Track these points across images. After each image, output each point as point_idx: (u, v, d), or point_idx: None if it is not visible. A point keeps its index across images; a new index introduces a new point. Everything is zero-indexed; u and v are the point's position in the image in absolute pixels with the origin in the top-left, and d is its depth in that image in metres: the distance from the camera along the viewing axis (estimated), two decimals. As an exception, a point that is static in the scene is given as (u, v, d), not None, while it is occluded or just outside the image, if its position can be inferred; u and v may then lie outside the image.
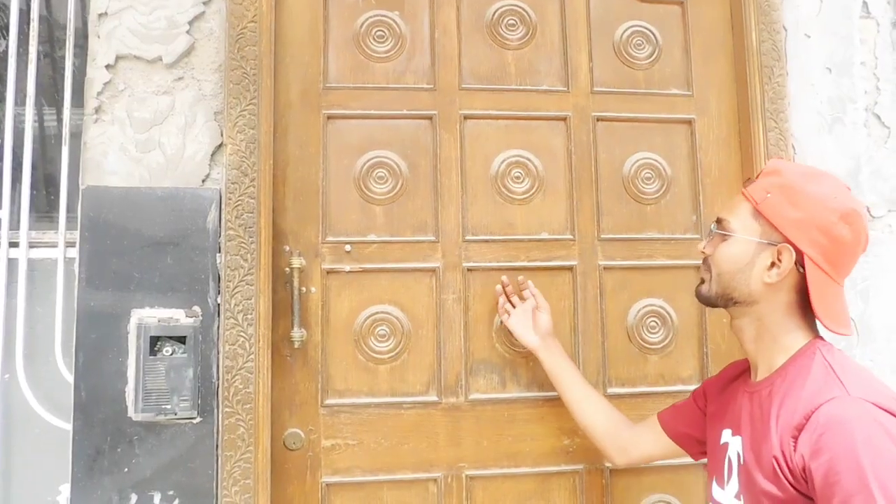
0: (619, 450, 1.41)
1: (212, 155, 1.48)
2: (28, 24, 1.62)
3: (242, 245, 1.46)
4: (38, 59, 1.62)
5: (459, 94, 1.70)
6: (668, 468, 1.65)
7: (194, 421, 1.44)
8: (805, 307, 1.05)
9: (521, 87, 1.72)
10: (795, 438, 0.94)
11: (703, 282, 1.15)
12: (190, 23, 1.50)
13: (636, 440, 1.39)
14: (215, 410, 1.44)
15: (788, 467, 0.94)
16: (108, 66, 1.46)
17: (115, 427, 1.41)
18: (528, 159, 1.71)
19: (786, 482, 0.95)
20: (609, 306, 1.70)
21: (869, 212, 1.80)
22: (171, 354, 1.43)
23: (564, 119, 1.73)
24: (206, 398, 1.44)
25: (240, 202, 1.46)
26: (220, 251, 1.46)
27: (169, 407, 1.42)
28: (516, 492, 1.61)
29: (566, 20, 1.76)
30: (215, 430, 1.44)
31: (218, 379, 1.45)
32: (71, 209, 1.57)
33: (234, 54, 1.48)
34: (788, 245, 1.03)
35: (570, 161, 1.71)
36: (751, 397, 1.09)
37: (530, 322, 1.55)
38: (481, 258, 1.66)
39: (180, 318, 1.44)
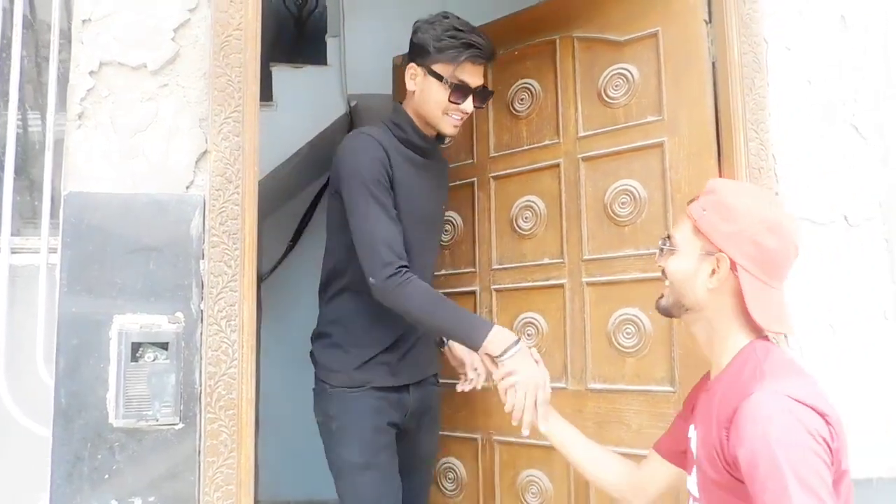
0: (638, 491, 1.42)
1: (196, 161, 1.48)
2: (11, 27, 1.61)
3: (226, 251, 1.46)
4: (22, 62, 1.60)
5: (490, 161, 2.20)
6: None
7: (176, 427, 1.43)
8: (740, 308, 1.17)
9: (530, 147, 2.12)
10: (727, 430, 1.06)
11: (662, 295, 1.29)
12: (175, 30, 1.50)
13: (648, 477, 1.42)
14: (198, 416, 1.44)
15: (724, 456, 1.07)
16: (91, 73, 1.46)
17: (96, 433, 1.40)
18: (534, 202, 2.09)
19: (723, 469, 1.07)
20: (592, 315, 1.95)
21: (847, 220, 1.83)
22: (154, 360, 1.43)
23: (558, 165, 2.04)
24: (189, 404, 1.44)
25: (224, 209, 1.46)
26: (203, 257, 1.46)
27: (150, 413, 1.42)
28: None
29: (559, 83, 2.07)
30: (197, 436, 1.44)
31: (200, 385, 1.44)
32: (54, 215, 1.56)
33: (219, 62, 1.48)
34: (724, 255, 1.16)
35: (562, 198, 2.03)
36: (706, 395, 1.21)
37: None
38: (503, 282, 2.13)
39: (163, 324, 1.44)
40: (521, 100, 2.15)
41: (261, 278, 4.12)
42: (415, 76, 1.71)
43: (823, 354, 1.76)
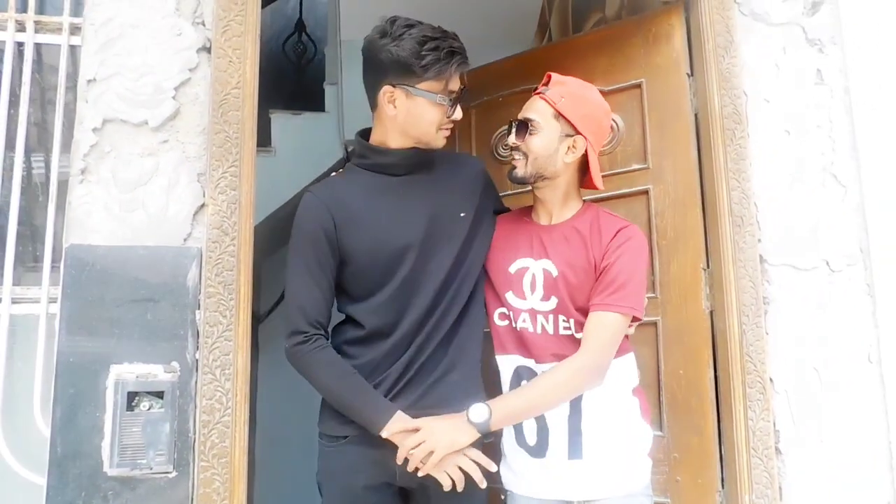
0: None
1: (194, 214, 1.53)
2: (20, 85, 1.68)
3: (222, 301, 1.50)
4: (28, 120, 1.67)
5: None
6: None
7: (170, 475, 1.45)
8: (578, 177, 1.62)
9: (514, 192, 2.02)
10: (608, 243, 1.51)
11: (514, 167, 1.58)
12: (176, 88, 1.56)
13: None
14: (191, 464, 1.46)
15: (597, 263, 1.51)
16: (94, 130, 1.52)
17: (90, 482, 1.42)
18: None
19: (593, 271, 1.51)
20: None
21: (829, 265, 1.87)
22: (149, 409, 1.45)
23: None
24: (183, 452, 1.46)
25: (220, 260, 1.51)
26: (199, 307, 1.50)
27: (145, 461, 1.44)
28: None
29: None
30: (191, 484, 1.46)
31: (194, 433, 1.47)
32: (56, 265, 1.60)
33: (217, 118, 1.55)
34: (581, 136, 1.54)
35: None
36: (550, 232, 1.59)
37: None
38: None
39: (158, 373, 1.47)
40: (506, 145, 2.16)
41: (259, 320, 4.15)
42: (394, 98, 1.51)
43: (809, 396, 1.78)
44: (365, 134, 1.63)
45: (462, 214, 1.59)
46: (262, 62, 1.67)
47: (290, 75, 4.45)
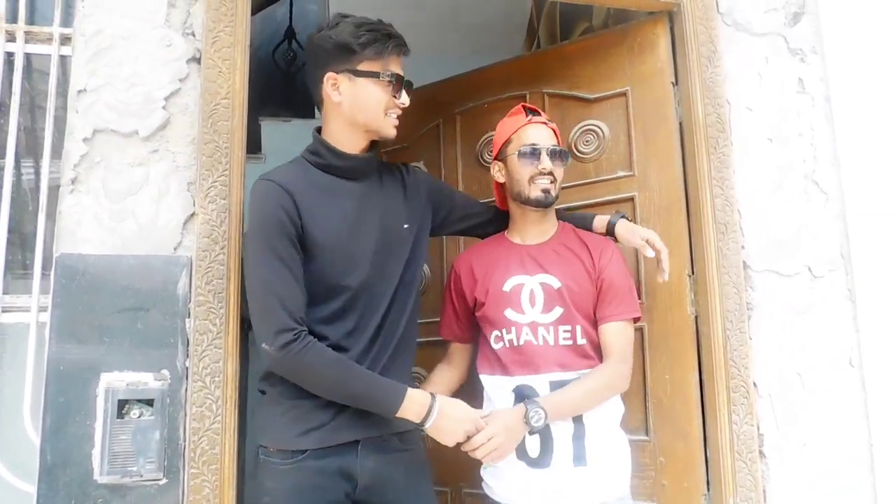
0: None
1: (184, 223, 1.55)
2: (10, 95, 1.69)
3: (212, 310, 1.51)
4: (18, 128, 1.67)
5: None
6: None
7: (160, 482, 1.46)
8: None
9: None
10: (600, 259, 1.66)
11: (549, 192, 1.67)
12: (166, 98, 1.58)
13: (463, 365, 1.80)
14: (181, 471, 1.47)
15: (594, 274, 1.65)
16: (85, 140, 1.53)
17: (80, 490, 1.42)
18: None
19: (595, 284, 1.65)
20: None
21: (811, 271, 1.90)
22: (139, 417, 1.46)
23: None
24: (173, 459, 1.47)
25: (210, 269, 1.52)
26: (189, 316, 1.51)
27: (135, 469, 1.45)
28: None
29: None
30: (181, 491, 1.47)
31: (184, 440, 1.48)
32: (46, 273, 1.61)
33: (207, 128, 1.56)
34: None
35: None
36: (540, 250, 1.70)
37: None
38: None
39: (149, 381, 1.48)
40: (491, 152, 2.17)
41: (249, 326, 4.14)
42: (337, 84, 1.50)
43: (792, 400, 1.81)
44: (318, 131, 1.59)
45: (406, 226, 1.58)
46: (251, 70, 1.68)
47: (280, 82, 4.46)
